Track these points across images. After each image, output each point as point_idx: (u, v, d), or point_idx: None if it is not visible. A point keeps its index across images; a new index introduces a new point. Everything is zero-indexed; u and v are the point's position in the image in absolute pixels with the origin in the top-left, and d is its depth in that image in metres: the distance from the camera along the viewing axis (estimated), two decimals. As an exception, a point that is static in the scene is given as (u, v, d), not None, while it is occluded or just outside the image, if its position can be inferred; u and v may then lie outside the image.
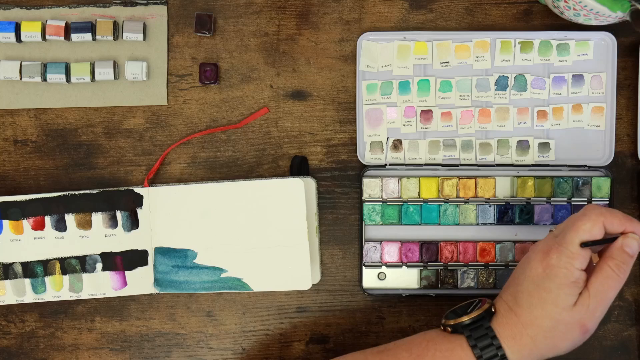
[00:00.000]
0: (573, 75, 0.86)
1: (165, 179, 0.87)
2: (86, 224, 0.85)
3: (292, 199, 0.83)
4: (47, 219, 0.84)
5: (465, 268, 0.86)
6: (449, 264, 0.86)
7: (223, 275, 0.85)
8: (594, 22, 0.79)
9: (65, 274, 0.85)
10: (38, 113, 0.87)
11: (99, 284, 0.85)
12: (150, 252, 0.85)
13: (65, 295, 0.85)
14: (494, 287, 0.86)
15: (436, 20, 0.87)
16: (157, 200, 0.85)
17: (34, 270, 0.85)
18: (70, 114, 0.87)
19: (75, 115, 0.87)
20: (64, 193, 0.84)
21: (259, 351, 0.87)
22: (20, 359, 0.87)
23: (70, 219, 0.85)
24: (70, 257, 0.85)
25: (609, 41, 0.86)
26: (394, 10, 0.87)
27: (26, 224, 0.84)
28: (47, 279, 0.85)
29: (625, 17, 0.76)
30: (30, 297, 0.85)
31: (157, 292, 0.85)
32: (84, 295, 0.85)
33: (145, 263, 0.85)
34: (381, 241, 0.86)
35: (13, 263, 0.85)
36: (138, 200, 0.85)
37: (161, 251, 0.85)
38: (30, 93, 0.86)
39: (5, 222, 0.84)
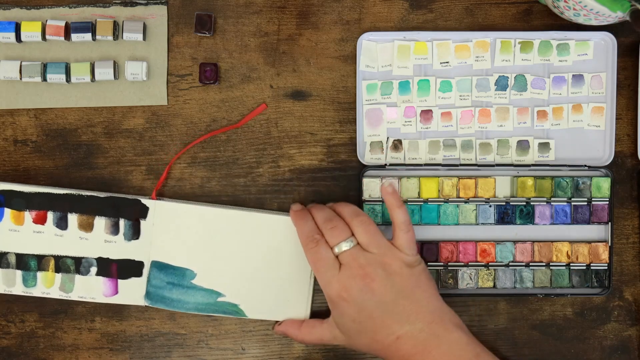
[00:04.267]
0: (573, 75, 0.86)
1: (165, 178, 0.87)
2: (88, 227, 0.84)
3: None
4: (50, 215, 0.84)
5: (465, 268, 0.86)
6: (449, 264, 0.86)
7: (220, 299, 0.84)
8: (594, 22, 0.79)
9: (59, 272, 0.84)
10: (38, 113, 0.87)
11: (90, 288, 0.84)
12: (146, 264, 0.84)
13: (55, 293, 0.84)
14: (494, 286, 0.86)
15: (436, 20, 0.87)
16: (162, 215, 0.84)
17: (28, 263, 0.84)
18: (70, 114, 0.87)
19: (75, 115, 0.87)
20: (71, 191, 0.84)
21: (259, 351, 0.87)
22: (20, 359, 0.87)
23: (72, 218, 0.84)
24: (66, 257, 0.84)
25: (609, 41, 0.86)
26: (394, 10, 0.87)
27: (28, 216, 0.84)
28: (39, 274, 0.84)
29: (625, 17, 0.76)
30: (19, 289, 0.84)
31: (147, 304, 0.84)
32: (74, 296, 0.84)
33: (139, 274, 0.84)
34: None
35: (7, 253, 0.84)
36: (143, 211, 0.84)
37: (158, 265, 0.84)
38: (30, 93, 0.86)
39: (7, 211, 0.84)
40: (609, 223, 0.86)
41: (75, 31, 0.84)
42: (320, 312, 0.86)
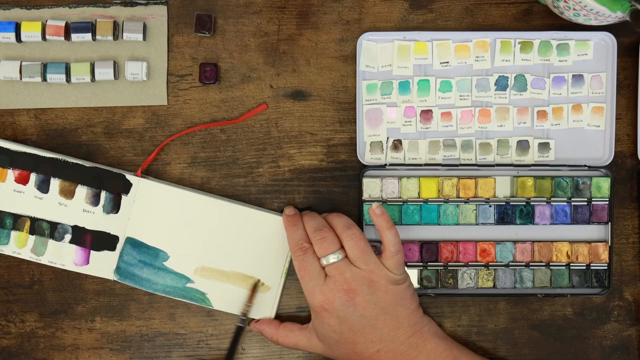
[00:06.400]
0: (573, 75, 0.86)
1: (165, 178, 0.87)
2: (69, 193, 0.84)
3: (279, 236, 0.84)
4: (33, 176, 0.84)
5: (465, 268, 0.86)
6: (449, 264, 0.86)
7: (188, 285, 0.85)
8: (594, 22, 0.79)
9: (33, 235, 0.84)
10: (38, 113, 0.87)
11: (62, 255, 0.84)
12: (121, 239, 0.84)
13: (26, 254, 0.84)
14: (494, 286, 0.86)
15: (436, 20, 0.87)
16: (144, 193, 0.84)
17: (3, 221, 0.84)
18: (70, 114, 0.87)
19: (75, 115, 0.87)
20: (57, 156, 0.84)
21: (259, 351, 0.87)
22: (20, 359, 0.87)
23: (55, 183, 0.84)
24: (42, 220, 0.84)
25: (609, 41, 0.86)
26: (394, 10, 0.87)
27: (10, 173, 0.84)
28: (13, 233, 0.84)
29: (625, 17, 0.76)
30: None
31: (115, 279, 0.85)
32: (44, 260, 0.84)
33: (113, 248, 0.84)
34: (380, 241, 0.86)
35: None
36: (127, 186, 0.84)
37: (132, 242, 0.84)
38: (30, 93, 0.86)
39: None
40: (609, 223, 0.86)
41: (75, 31, 0.84)
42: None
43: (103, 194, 0.84)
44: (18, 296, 0.87)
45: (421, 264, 0.86)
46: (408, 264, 0.86)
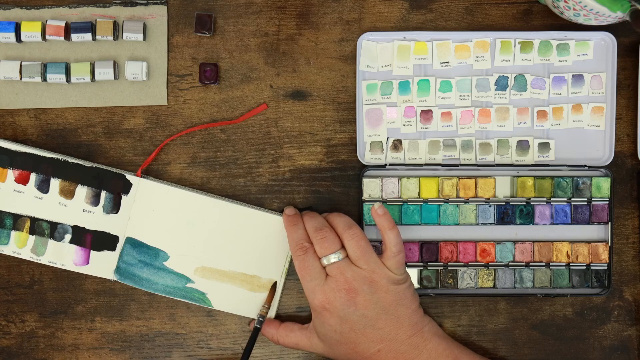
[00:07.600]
0: (573, 75, 0.86)
1: (165, 178, 0.87)
2: (69, 194, 0.84)
3: (279, 236, 0.84)
4: (33, 176, 0.84)
5: (465, 268, 0.86)
6: (449, 264, 0.86)
7: (188, 285, 0.85)
8: (594, 22, 0.79)
9: (33, 235, 0.84)
10: (38, 113, 0.87)
11: (62, 255, 0.84)
12: (121, 239, 0.84)
13: (26, 254, 0.84)
14: (494, 286, 0.86)
15: (436, 20, 0.87)
16: (144, 193, 0.84)
17: (3, 221, 0.84)
18: (70, 114, 0.87)
19: (75, 115, 0.87)
20: (57, 156, 0.84)
21: (259, 351, 0.87)
22: (20, 359, 0.87)
23: (55, 183, 0.84)
24: (42, 220, 0.84)
25: (609, 41, 0.86)
26: (394, 10, 0.87)
27: (10, 173, 0.84)
28: (13, 233, 0.84)
29: (625, 17, 0.76)
30: None
31: (115, 279, 0.85)
32: (44, 260, 0.84)
33: (113, 248, 0.84)
34: (381, 241, 0.86)
35: None
36: (127, 186, 0.84)
37: (132, 242, 0.84)
38: (30, 93, 0.86)
39: None
40: (609, 223, 0.86)
41: (75, 31, 0.84)
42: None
43: (103, 194, 0.84)
44: (18, 296, 0.87)
45: (421, 264, 0.86)
46: (408, 264, 0.86)
